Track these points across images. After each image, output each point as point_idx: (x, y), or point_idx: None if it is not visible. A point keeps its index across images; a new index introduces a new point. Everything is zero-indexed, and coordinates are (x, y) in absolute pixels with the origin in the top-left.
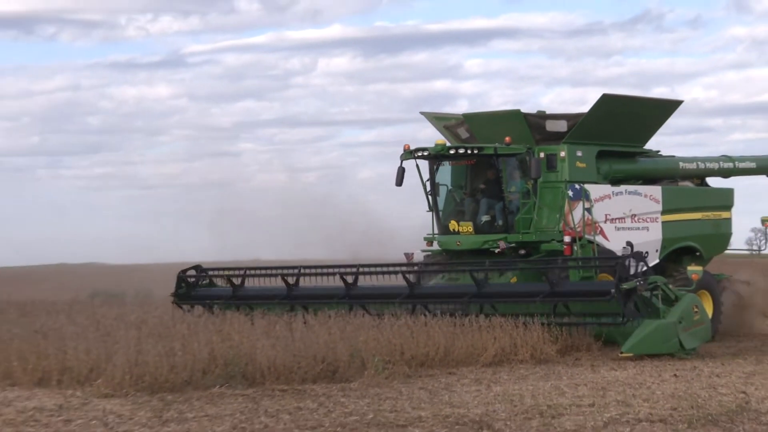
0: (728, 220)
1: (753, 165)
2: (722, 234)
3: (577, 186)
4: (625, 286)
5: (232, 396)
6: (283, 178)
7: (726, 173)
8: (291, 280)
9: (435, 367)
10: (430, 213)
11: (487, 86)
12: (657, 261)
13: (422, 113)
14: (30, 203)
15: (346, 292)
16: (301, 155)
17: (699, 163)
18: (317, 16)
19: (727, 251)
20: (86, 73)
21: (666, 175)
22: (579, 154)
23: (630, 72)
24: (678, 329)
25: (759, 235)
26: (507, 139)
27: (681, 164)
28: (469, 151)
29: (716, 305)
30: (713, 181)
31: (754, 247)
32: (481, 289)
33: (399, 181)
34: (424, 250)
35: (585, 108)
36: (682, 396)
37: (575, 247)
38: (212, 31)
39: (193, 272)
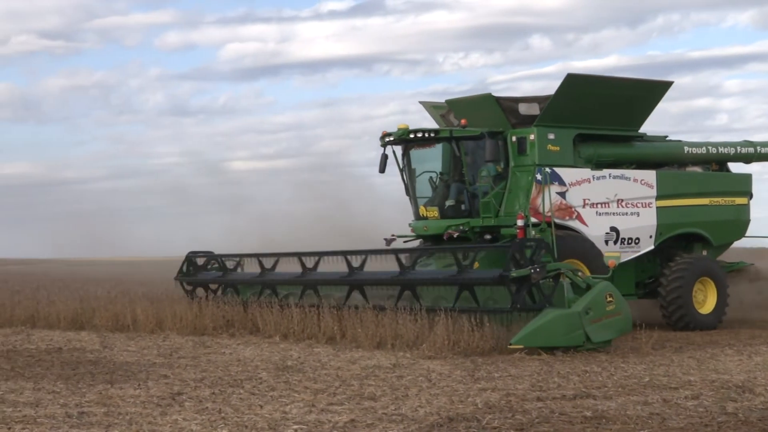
0: (745, 207)
1: None
2: (737, 220)
3: (547, 170)
4: (514, 273)
5: (530, 360)
6: None
7: (746, 158)
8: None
9: (698, 342)
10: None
11: (744, 102)
12: (652, 247)
13: (420, 102)
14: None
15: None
16: None
17: (710, 148)
18: (598, 48)
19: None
20: (412, 100)
21: (668, 160)
22: (551, 137)
23: None
24: (584, 320)
25: None
26: (463, 121)
27: (686, 149)
28: (426, 135)
29: (721, 293)
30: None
31: None
32: (402, 276)
33: (381, 168)
34: (400, 236)
35: None
36: None
37: (533, 232)
38: (511, 64)
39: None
